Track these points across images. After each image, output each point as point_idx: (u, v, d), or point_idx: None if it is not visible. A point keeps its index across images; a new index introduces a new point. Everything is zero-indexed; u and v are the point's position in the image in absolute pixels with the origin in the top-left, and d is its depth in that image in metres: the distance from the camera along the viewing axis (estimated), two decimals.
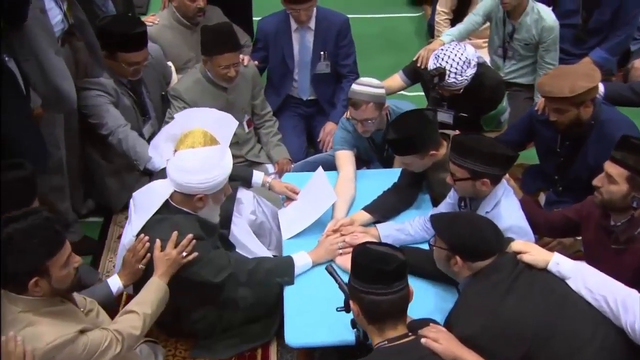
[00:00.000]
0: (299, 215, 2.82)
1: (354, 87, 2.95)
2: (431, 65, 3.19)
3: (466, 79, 3.15)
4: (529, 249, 2.11)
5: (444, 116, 3.45)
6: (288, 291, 2.52)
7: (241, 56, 3.47)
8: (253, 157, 3.55)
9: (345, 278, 2.44)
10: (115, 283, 2.42)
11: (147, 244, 2.36)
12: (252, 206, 2.96)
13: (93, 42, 2.98)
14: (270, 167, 3.54)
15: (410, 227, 2.69)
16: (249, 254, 2.84)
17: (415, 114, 2.73)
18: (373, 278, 1.83)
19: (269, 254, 2.87)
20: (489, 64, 3.80)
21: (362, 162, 3.35)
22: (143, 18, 3.64)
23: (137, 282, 2.45)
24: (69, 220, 3.28)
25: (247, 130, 3.51)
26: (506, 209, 2.38)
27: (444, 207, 2.66)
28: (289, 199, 2.94)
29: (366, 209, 2.80)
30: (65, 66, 2.69)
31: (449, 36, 3.71)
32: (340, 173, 3.04)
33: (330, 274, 2.16)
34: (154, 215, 2.40)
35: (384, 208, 2.82)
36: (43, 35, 2.51)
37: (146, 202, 2.45)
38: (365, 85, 2.92)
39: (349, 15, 3.84)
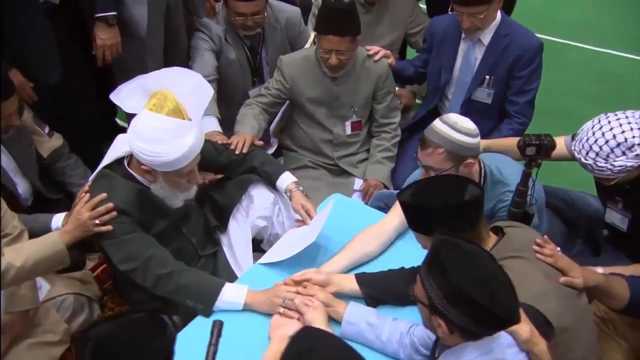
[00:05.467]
0: (289, 244, 2.25)
1: (434, 122, 2.14)
2: (583, 129, 2.15)
3: (610, 170, 2.05)
4: None
5: (615, 217, 2.38)
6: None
7: (375, 48, 2.89)
8: (346, 165, 2.98)
9: (264, 345, 1.85)
10: (57, 221, 2.25)
11: (84, 194, 2.12)
12: (266, 211, 2.45)
13: None
14: (358, 182, 2.94)
15: (388, 328, 1.89)
16: (233, 261, 2.40)
17: (454, 183, 1.80)
18: None
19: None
20: None
21: None
22: None
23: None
24: None
25: (348, 132, 2.94)
26: None
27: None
28: (302, 220, 2.36)
29: (358, 277, 2.07)
30: None
31: None
32: (383, 219, 2.32)
33: (212, 331, 1.57)
34: (104, 168, 2.15)
35: (380, 287, 2.03)
36: None
37: (109, 152, 2.20)
38: (446, 124, 2.07)
39: (614, 52, 2.80)
